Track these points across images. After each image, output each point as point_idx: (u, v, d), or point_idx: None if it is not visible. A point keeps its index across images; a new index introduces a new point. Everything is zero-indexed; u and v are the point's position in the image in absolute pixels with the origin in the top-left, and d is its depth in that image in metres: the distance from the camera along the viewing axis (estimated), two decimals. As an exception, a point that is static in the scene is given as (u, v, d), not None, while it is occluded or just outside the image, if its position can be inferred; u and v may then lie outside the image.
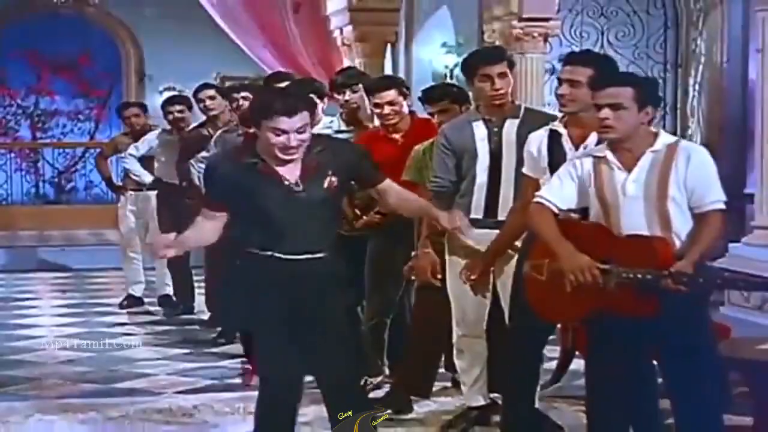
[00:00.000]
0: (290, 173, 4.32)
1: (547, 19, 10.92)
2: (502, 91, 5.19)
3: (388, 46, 12.08)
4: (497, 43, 11.12)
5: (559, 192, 4.34)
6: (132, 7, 15.36)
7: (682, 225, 4.15)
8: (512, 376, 5.17)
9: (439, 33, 11.73)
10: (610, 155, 4.22)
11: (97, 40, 19.17)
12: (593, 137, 4.52)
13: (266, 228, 4.33)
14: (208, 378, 6.89)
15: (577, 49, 11.64)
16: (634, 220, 4.17)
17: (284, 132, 4.22)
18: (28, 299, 10.48)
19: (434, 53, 11.79)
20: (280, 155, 4.28)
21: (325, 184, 4.35)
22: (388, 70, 11.74)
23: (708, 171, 4.21)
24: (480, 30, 11.15)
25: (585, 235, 4.25)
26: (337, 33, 12.45)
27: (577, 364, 5.55)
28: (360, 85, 6.53)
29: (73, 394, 6.54)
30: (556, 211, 4.32)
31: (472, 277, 5.17)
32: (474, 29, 11.17)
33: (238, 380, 6.76)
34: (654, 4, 12.10)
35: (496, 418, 5.40)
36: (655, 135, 4.24)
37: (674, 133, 12.07)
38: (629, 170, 4.18)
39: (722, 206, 4.18)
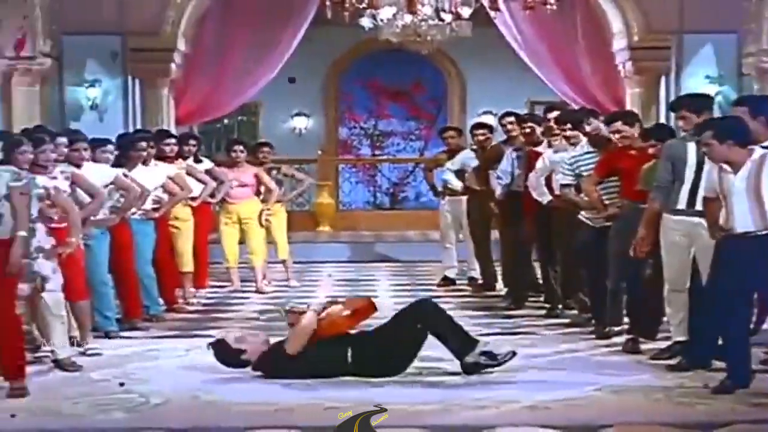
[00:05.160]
0: None
1: (793, 55, 12.48)
2: (684, 128, 7.21)
3: (662, 78, 13.34)
4: (752, 74, 12.78)
5: None
6: (456, 42, 16.89)
7: None
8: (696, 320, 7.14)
9: (703, 67, 12.89)
10: None
11: (427, 71, 20.94)
12: None
13: None
14: (494, 327, 8.95)
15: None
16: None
17: None
18: (369, 281, 12.67)
19: (699, 84, 12.86)
20: None
21: None
22: (662, 99, 13.17)
23: None
24: (739, 64, 12.62)
25: None
26: (621, 67, 13.87)
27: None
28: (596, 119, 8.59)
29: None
30: None
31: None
32: (733, 63, 12.54)
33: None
34: None
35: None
36: None
37: None
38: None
39: None
